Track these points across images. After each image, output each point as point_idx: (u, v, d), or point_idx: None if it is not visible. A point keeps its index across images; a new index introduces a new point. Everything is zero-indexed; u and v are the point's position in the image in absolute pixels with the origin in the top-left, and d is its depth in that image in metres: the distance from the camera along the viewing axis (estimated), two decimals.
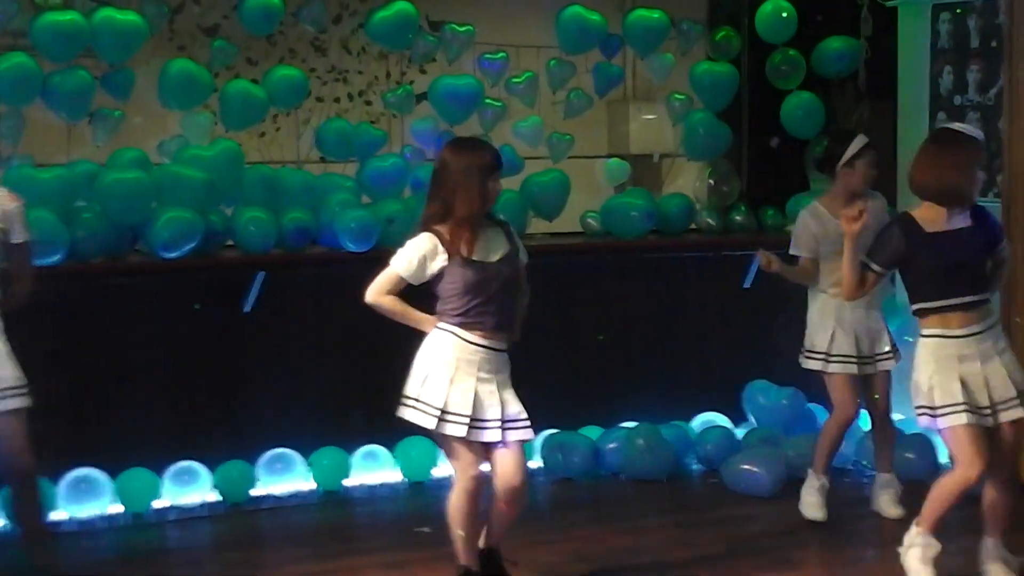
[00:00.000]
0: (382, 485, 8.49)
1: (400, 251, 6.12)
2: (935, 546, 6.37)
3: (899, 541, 6.59)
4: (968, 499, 6.35)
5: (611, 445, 8.70)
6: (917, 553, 6.39)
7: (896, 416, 8.77)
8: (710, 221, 9.36)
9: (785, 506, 8.02)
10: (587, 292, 8.96)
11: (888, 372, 7.76)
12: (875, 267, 6.32)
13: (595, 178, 9.56)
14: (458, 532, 6.22)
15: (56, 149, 8.37)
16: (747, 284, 9.34)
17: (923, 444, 8.48)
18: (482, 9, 9.32)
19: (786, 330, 9.27)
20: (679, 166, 10.20)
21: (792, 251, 7.68)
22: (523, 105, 9.14)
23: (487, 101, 8.91)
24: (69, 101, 7.94)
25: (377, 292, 6.16)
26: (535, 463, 8.75)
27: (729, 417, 9.20)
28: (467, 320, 6.08)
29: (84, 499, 7.83)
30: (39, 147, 8.21)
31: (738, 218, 9.44)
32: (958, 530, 6.62)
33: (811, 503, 7.75)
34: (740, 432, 9.05)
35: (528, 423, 6.21)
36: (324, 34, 9.30)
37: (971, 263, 6.21)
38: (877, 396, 7.74)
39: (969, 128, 6.33)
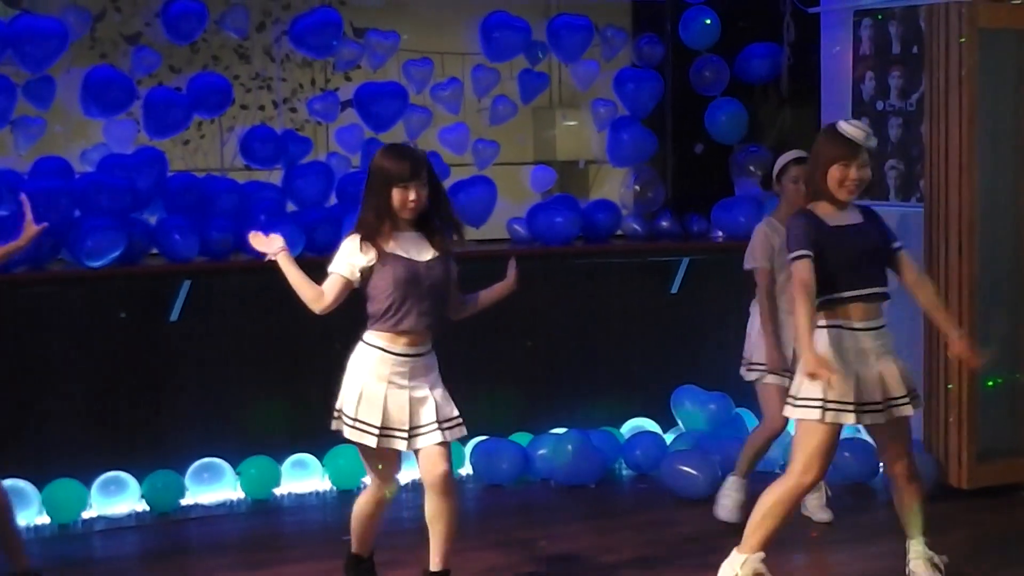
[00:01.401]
0: (311, 494, 8.46)
1: (336, 256, 6.12)
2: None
3: (823, 544, 6.63)
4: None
5: (540, 451, 8.71)
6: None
7: None
8: (636, 227, 9.39)
9: (711, 510, 8.07)
10: (515, 299, 8.84)
11: None
12: (805, 252, 6.10)
13: (521, 184, 9.56)
14: (360, 529, 6.40)
15: None
16: (674, 290, 9.38)
17: (861, 446, 8.54)
18: (407, 16, 9.31)
19: (714, 335, 9.36)
20: (605, 172, 10.22)
21: (747, 265, 7.62)
22: (448, 112, 9.13)
23: (412, 108, 8.90)
24: None
25: (327, 299, 6.08)
26: (465, 470, 8.76)
27: (658, 422, 9.24)
28: (396, 324, 6.06)
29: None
30: None
31: (664, 224, 9.47)
32: (885, 532, 6.67)
33: (726, 505, 7.77)
34: (669, 437, 9.08)
35: (461, 420, 6.23)
36: (247, 41, 9.24)
37: (871, 255, 6.21)
38: None
39: (850, 125, 6.16)
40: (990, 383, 8.35)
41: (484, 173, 9.12)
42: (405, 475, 8.00)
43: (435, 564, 6.21)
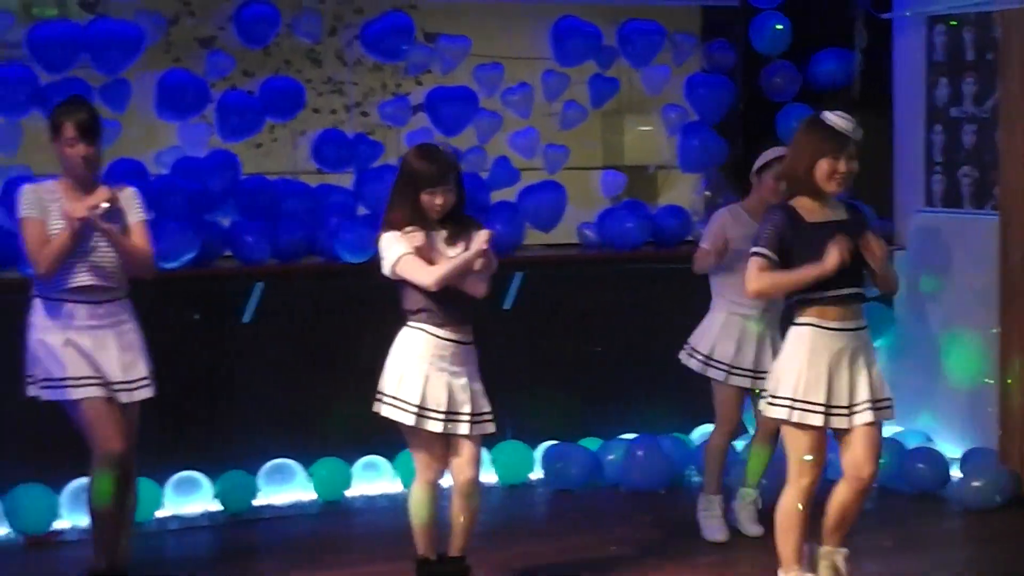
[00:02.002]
0: (382, 496, 8.48)
1: (386, 251, 6.24)
2: None
3: (895, 554, 6.61)
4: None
5: (610, 456, 8.70)
6: None
7: (896, 428, 8.82)
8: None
9: None
10: (584, 303, 8.96)
11: None
12: (764, 252, 6.02)
13: (591, 189, 9.56)
14: (417, 523, 6.45)
15: (53, 160, 8.34)
16: None
17: (932, 456, 8.49)
18: (477, 20, 9.31)
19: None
20: (674, 178, 10.20)
21: (702, 243, 7.67)
22: (518, 116, 9.13)
23: (482, 112, 8.91)
24: None
25: (430, 275, 6.16)
26: (535, 474, 8.77)
27: None
28: (434, 315, 6.22)
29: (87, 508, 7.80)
30: (35, 158, 8.18)
31: None
32: (959, 542, 6.62)
33: (712, 526, 7.69)
34: (739, 444, 9.03)
35: (492, 417, 6.38)
36: (319, 45, 9.28)
37: (849, 255, 6.05)
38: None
39: (836, 115, 6.03)
40: None
41: (554, 178, 9.12)
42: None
43: (455, 550, 6.49)
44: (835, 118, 6.03)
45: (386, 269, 6.27)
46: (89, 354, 6.32)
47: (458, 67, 8.98)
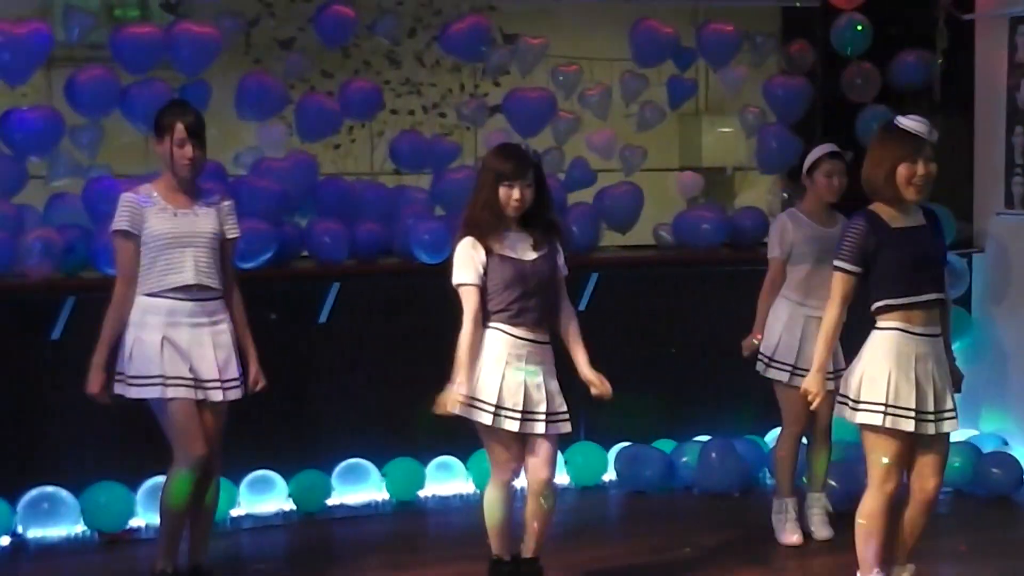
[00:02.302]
0: (455, 496, 8.52)
1: (456, 267, 6.31)
2: None
3: (973, 559, 6.58)
4: None
5: (684, 458, 8.69)
6: None
7: (971, 432, 8.75)
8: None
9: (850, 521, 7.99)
10: (660, 305, 8.95)
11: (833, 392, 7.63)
12: (847, 267, 6.00)
13: (668, 190, 9.54)
14: (490, 525, 6.45)
15: (134, 161, 8.46)
16: None
17: (1007, 460, 8.41)
18: (555, 22, 9.34)
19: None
20: (752, 179, 10.17)
21: (769, 254, 7.66)
22: (596, 118, 9.13)
23: (560, 113, 8.92)
24: (147, 113, 7.97)
25: (471, 319, 6.27)
26: (608, 475, 8.78)
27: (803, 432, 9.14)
28: (511, 316, 6.27)
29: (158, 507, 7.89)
30: (117, 158, 8.29)
31: None
32: None
33: (787, 528, 7.63)
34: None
35: (568, 417, 6.39)
36: (398, 46, 9.33)
37: (933, 260, 6.05)
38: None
39: (911, 120, 5.98)
40: None
41: (631, 179, 9.12)
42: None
43: (529, 551, 6.50)
44: (909, 122, 5.98)
45: (453, 279, 6.33)
46: (185, 352, 6.39)
47: (536, 68, 8.99)
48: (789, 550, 7.53)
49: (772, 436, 9.06)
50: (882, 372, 5.97)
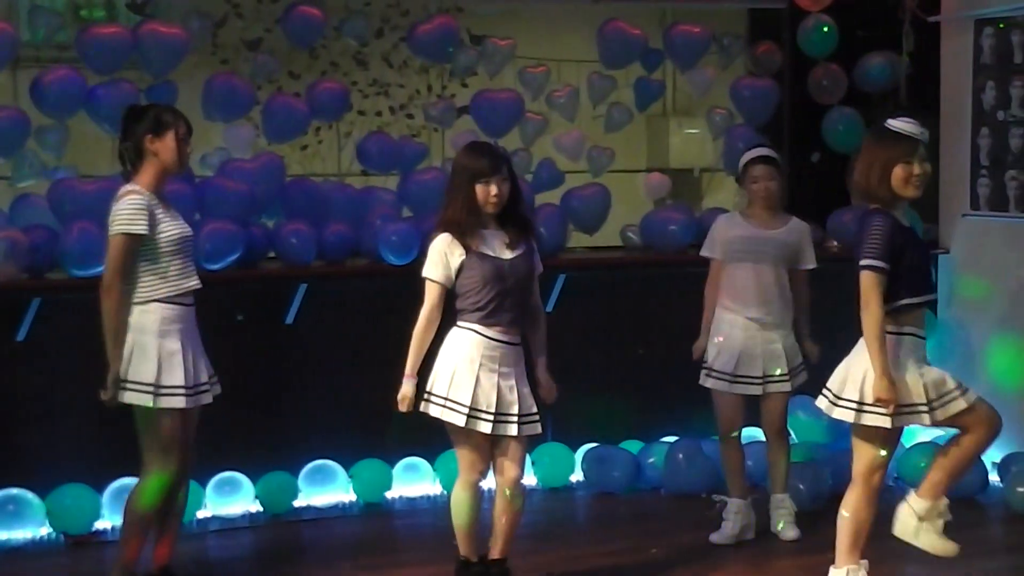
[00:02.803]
0: (422, 497, 8.52)
1: (427, 261, 6.33)
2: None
3: (940, 559, 6.59)
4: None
5: (651, 459, 8.70)
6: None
7: (937, 432, 8.77)
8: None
9: (825, 521, 8.00)
10: (627, 306, 8.96)
11: (785, 394, 7.64)
12: (879, 264, 5.92)
13: (635, 191, 9.56)
14: (458, 526, 6.46)
15: (100, 161, 8.44)
16: None
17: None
18: (523, 23, 9.35)
19: (828, 345, 9.27)
20: (719, 180, 10.19)
21: (702, 252, 7.69)
22: (564, 119, 9.15)
23: (528, 115, 8.93)
24: (113, 113, 7.96)
25: (427, 312, 6.33)
26: (576, 476, 8.79)
27: None
28: (486, 316, 6.27)
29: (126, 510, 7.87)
30: (84, 159, 8.27)
31: None
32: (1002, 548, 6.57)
33: (723, 526, 7.61)
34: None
35: (538, 419, 6.40)
36: (366, 47, 9.33)
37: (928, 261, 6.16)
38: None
39: (901, 121, 5.97)
40: None
41: (598, 180, 9.13)
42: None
43: (497, 552, 6.51)
44: (901, 123, 5.98)
45: (423, 270, 6.35)
46: (188, 359, 6.37)
47: (504, 69, 9.01)
48: (759, 551, 7.52)
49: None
50: (899, 377, 6.00)
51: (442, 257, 6.28)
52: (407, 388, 6.34)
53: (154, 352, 6.26)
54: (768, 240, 7.47)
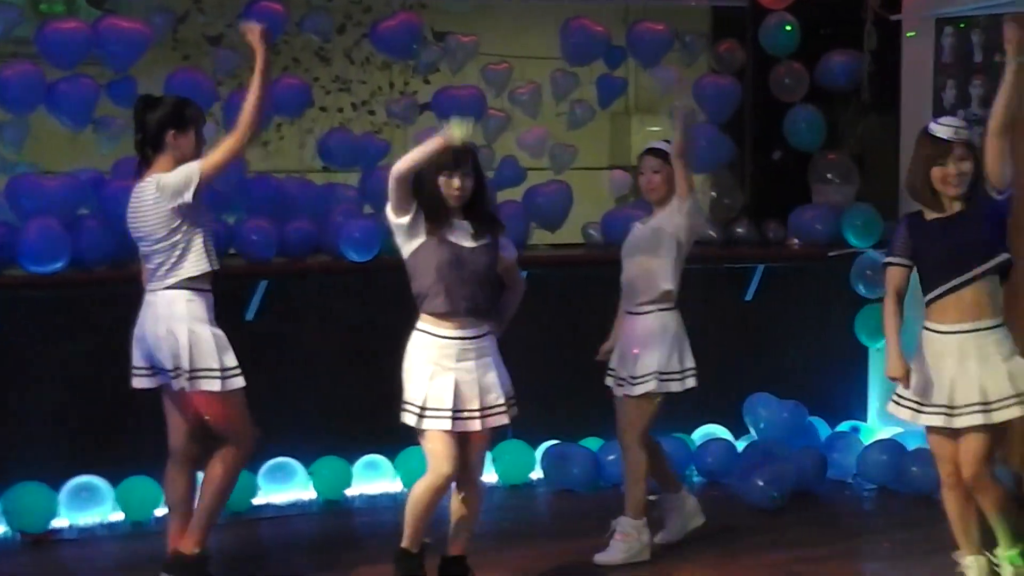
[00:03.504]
0: (382, 495, 8.50)
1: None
2: None
3: (901, 556, 6.63)
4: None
5: (611, 457, 8.69)
6: None
7: (896, 430, 8.81)
8: (712, 233, 9.36)
9: (786, 519, 8.05)
10: (589, 303, 8.93)
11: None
12: (898, 260, 6.42)
13: (597, 189, 9.56)
14: (411, 519, 6.42)
15: (60, 157, 8.41)
16: (749, 297, 9.35)
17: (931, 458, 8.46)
18: (486, 20, 9.33)
19: (788, 343, 9.32)
20: None
21: None
22: (526, 116, 9.14)
23: (491, 111, 8.92)
24: (73, 108, 7.95)
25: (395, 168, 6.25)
26: (536, 474, 8.79)
27: (730, 429, 9.21)
28: (440, 304, 6.27)
29: (86, 507, 7.87)
30: (43, 155, 8.23)
31: (740, 231, 9.44)
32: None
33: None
34: (741, 444, 9.06)
35: (505, 408, 6.42)
36: (328, 44, 9.30)
37: (963, 245, 6.29)
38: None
39: (939, 124, 6.31)
40: None
41: (561, 178, 9.13)
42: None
43: (457, 549, 6.56)
44: (937, 126, 6.30)
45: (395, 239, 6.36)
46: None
47: (466, 66, 8.99)
48: (715, 543, 7.54)
49: (699, 434, 9.15)
50: (917, 370, 6.33)
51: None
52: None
53: (211, 338, 6.54)
54: (645, 234, 7.38)
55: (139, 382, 6.61)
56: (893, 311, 6.42)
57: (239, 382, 6.54)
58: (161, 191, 6.37)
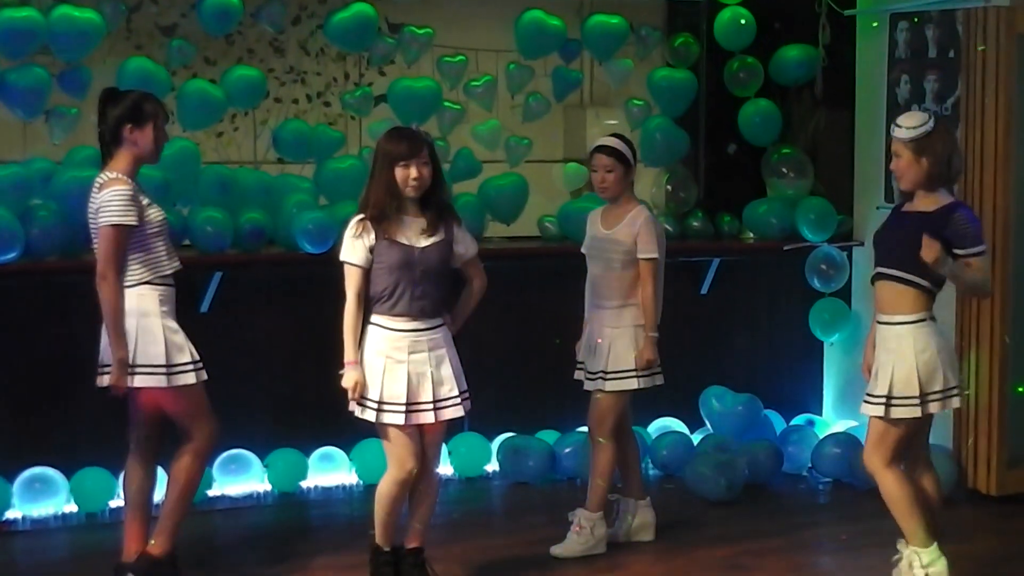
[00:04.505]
0: (338, 487, 8.48)
1: (343, 245, 6.37)
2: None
3: (851, 549, 6.64)
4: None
5: (567, 449, 8.71)
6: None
7: (850, 423, 8.85)
8: (667, 227, 9.36)
9: (740, 512, 8.07)
10: (544, 296, 8.95)
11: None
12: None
13: (553, 182, 9.55)
14: (381, 516, 6.44)
15: (12, 146, 8.34)
16: (704, 290, 9.37)
17: None
18: (441, 12, 9.29)
19: (743, 337, 9.35)
20: (636, 172, 10.18)
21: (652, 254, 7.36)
22: (481, 108, 9.12)
23: (446, 104, 8.90)
24: (25, 98, 7.88)
25: (353, 296, 6.33)
26: (491, 466, 8.78)
27: (685, 423, 9.22)
28: (392, 305, 6.30)
29: (39, 498, 7.81)
30: None
31: (695, 224, 9.45)
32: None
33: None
34: (696, 438, 9.07)
35: (458, 400, 6.43)
36: (282, 35, 9.26)
37: (892, 240, 6.45)
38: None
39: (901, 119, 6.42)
40: (1020, 389, 8.32)
41: (516, 170, 9.12)
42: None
43: (413, 541, 6.57)
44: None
45: (340, 254, 6.39)
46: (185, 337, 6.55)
47: (422, 58, 8.96)
48: (676, 542, 7.55)
49: (655, 427, 9.15)
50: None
51: (357, 241, 6.30)
52: (354, 375, 6.30)
53: (160, 334, 6.39)
54: (604, 243, 7.33)
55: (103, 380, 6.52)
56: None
57: (189, 378, 6.45)
58: (95, 200, 6.39)
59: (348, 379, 6.32)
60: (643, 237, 7.21)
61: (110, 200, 6.30)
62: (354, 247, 6.31)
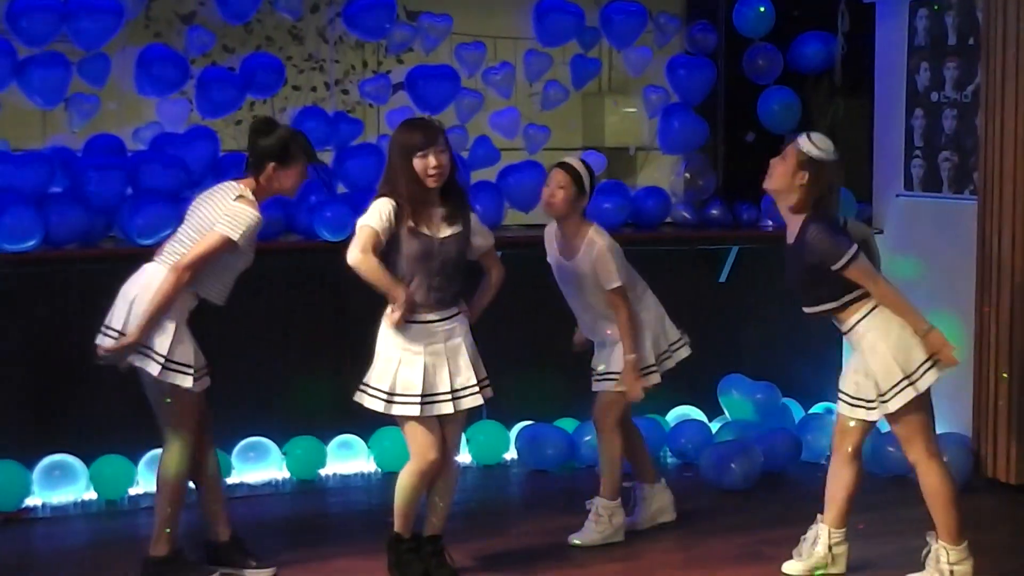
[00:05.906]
0: (356, 475, 8.49)
1: (367, 212, 6.31)
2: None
3: (869, 537, 6.62)
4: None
5: (586, 438, 8.70)
6: None
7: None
8: (685, 215, 9.36)
9: (758, 500, 8.06)
10: None
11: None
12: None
13: None
14: (401, 505, 6.46)
15: (31, 134, 8.35)
16: (722, 278, 9.35)
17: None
18: (460, 0, 9.29)
19: (762, 325, 9.34)
20: (654, 159, 10.19)
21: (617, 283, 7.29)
22: (499, 96, 9.11)
23: (464, 91, 8.89)
24: (44, 86, 7.89)
25: (360, 250, 6.24)
26: (510, 455, 8.79)
27: (703, 411, 9.22)
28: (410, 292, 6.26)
29: (59, 486, 7.83)
30: (14, 132, 8.17)
31: (714, 212, 9.43)
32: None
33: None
34: (714, 426, 9.07)
35: (477, 389, 6.43)
36: (301, 22, 9.26)
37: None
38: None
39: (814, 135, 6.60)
40: None
41: (534, 158, 9.11)
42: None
43: (432, 529, 6.60)
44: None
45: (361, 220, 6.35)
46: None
47: (440, 46, 8.96)
48: (685, 524, 7.56)
49: (673, 415, 9.14)
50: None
51: (383, 211, 6.25)
52: (400, 293, 6.23)
53: (189, 338, 6.51)
54: (570, 272, 7.30)
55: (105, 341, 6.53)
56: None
57: (187, 381, 6.46)
58: (223, 204, 6.44)
59: (396, 296, 6.23)
60: (602, 269, 7.12)
61: (239, 215, 6.36)
62: (380, 215, 6.24)
